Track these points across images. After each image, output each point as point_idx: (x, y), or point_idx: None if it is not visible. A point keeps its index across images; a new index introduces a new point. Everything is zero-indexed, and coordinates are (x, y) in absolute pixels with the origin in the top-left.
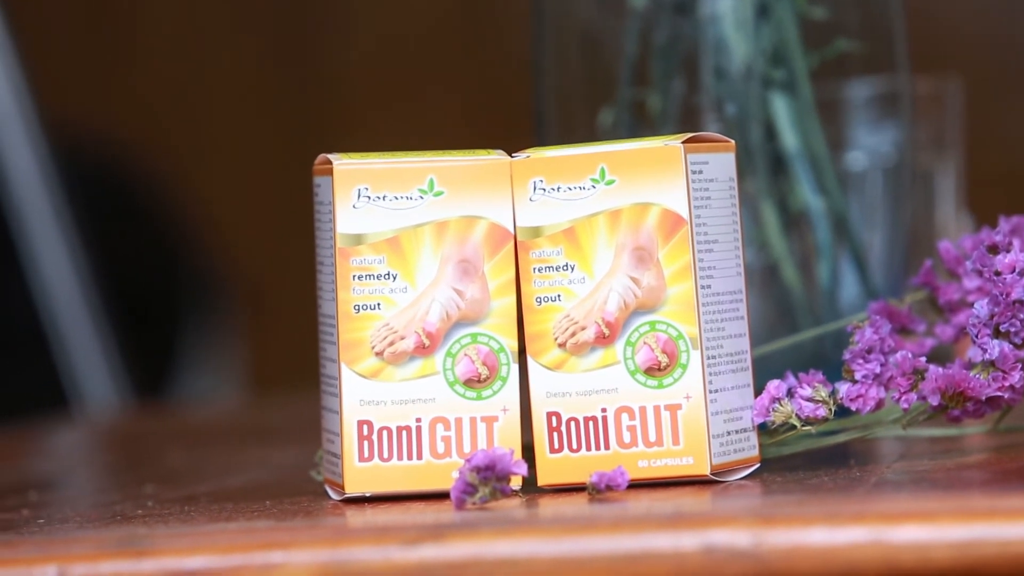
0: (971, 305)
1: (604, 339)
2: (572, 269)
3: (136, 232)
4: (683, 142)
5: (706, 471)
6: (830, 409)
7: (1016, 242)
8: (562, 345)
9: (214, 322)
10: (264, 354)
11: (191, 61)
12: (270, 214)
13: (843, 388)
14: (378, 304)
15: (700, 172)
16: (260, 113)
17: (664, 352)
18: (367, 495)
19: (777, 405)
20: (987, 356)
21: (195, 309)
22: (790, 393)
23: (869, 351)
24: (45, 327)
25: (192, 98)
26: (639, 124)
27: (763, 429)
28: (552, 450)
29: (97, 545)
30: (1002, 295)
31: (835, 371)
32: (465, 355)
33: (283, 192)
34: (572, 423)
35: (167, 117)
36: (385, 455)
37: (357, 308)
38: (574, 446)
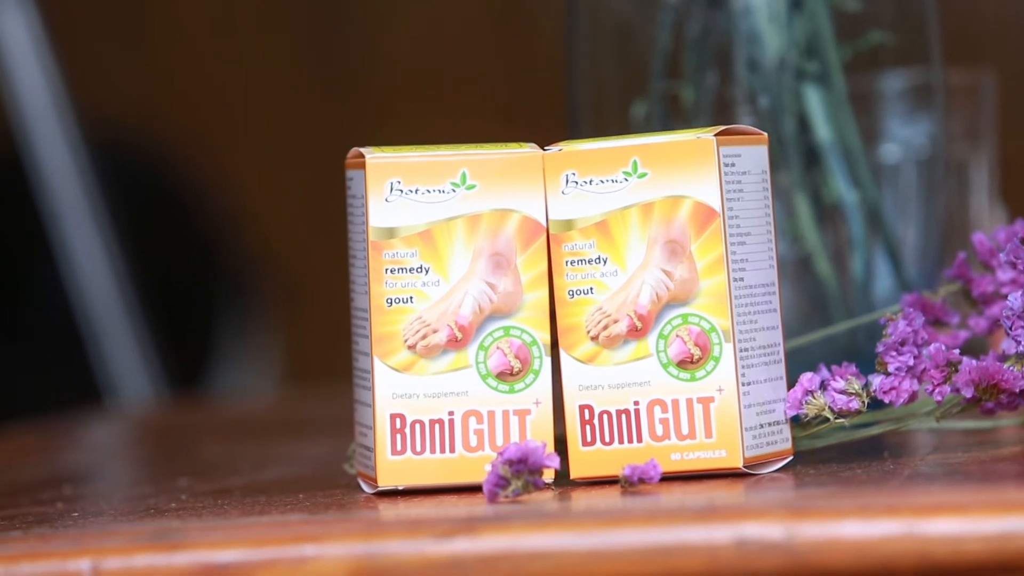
0: (1005, 297)
1: (637, 332)
2: (604, 262)
3: (172, 226)
4: (716, 135)
5: (739, 464)
6: (863, 402)
7: None
8: (595, 338)
9: (250, 315)
10: (300, 347)
11: (228, 55)
12: (306, 207)
13: (876, 380)
14: (411, 297)
15: (733, 165)
16: (296, 107)
17: (697, 345)
18: (400, 488)
19: (810, 398)
20: (1021, 348)
21: (231, 302)
22: (823, 386)
23: (902, 343)
24: (81, 321)
25: (228, 92)
26: (672, 117)
27: (796, 422)
28: (585, 443)
29: (130, 538)
30: None
31: (868, 363)
32: (498, 348)
33: (319, 186)
34: (605, 416)
35: (204, 111)
36: (418, 448)
37: (390, 301)
38: (607, 439)
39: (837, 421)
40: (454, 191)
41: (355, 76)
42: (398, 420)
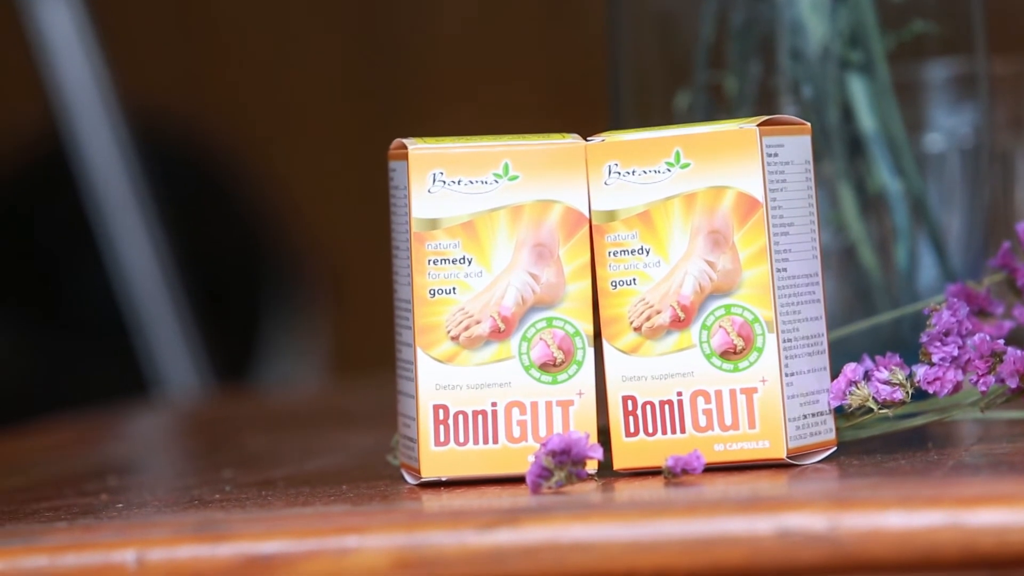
0: None
1: (679, 323)
2: (647, 253)
3: (218, 216)
4: (758, 125)
5: (782, 455)
6: (907, 392)
7: None
8: (637, 329)
9: (295, 306)
10: (345, 338)
11: (275, 48)
12: (352, 198)
13: (920, 371)
14: (453, 288)
15: (776, 155)
16: (342, 96)
17: (740, 335)
18: (443, 479)
19: (854, 388)
20: None
21: (276, 293)
22: (867, 376)
23: (947, 334)
24: (127, 313)
25: (275, 84)
26: (715, 107)
27: (840, 412)
28: (628, 434)
29: (174, 530)
30: None
31: (913, 354)
32: (540, 339)
33: (365, 176)
34: (648, 407)
35: (250, 102)
36: (461, 439)
37: (432, 292)
38: (650, 430)
39: (881, 412)
40: (496, 182)
41: (402, 68)
42: (441, 411)
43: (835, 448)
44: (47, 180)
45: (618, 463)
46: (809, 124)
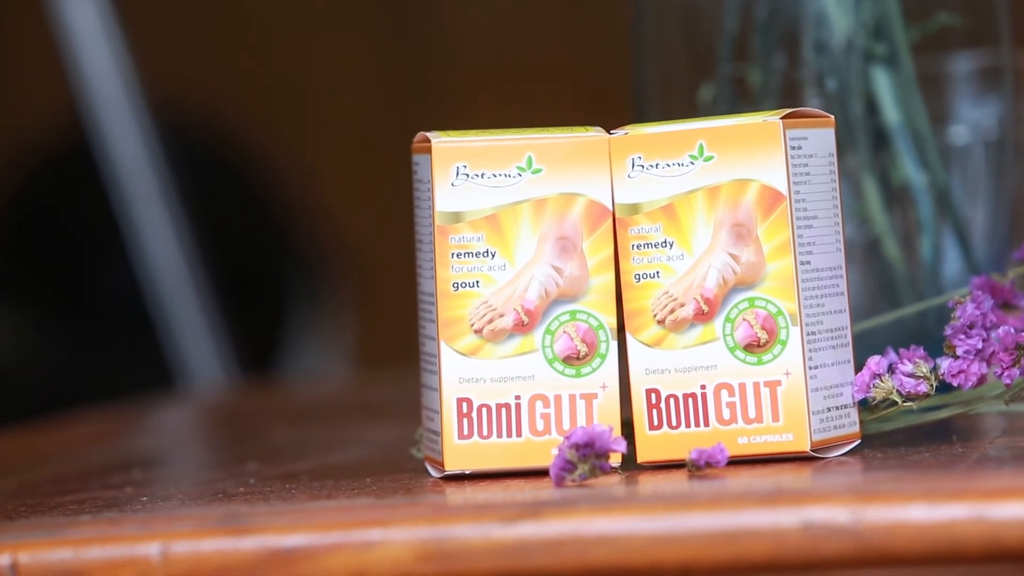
0: None
1: (703, 316)
2: (671, 246)
3: (243, 209)
4: (782, 118)
5: (806, 448)
6: (931, 385)
7: None
8: (661, 322)
9: (321, 299)
10: (370, 330)
11: (299, 36)
12: (377, 190)
13: (945, 364)
14: (477, 282)
15: (799, 148)
16: (368, 89)
17: (763, 328)
18: (466, 472)
19: (878, 381)
20: None
21: (302, 286)
22: (891, 369)
23: (971, 326)
24: (152, 305)
25: (299, 74)
26: (739, 100)
27: (864, 405)
28: (651, 427)
29: (198, 523)
30: None
31: (937, 347)
32: (564, 332)
33: (390, 169)
34: (671, 400)
35: (275, 95)
36: (484, 432)
37: (456, 286)
38: (673, 423)
39: (905, 405)
40: (520, 175)
41: (428, 61)
42: (465, 404)
43: (859, 441)
44: (72, 174)
45: (642, 456)
46: (833, 117)
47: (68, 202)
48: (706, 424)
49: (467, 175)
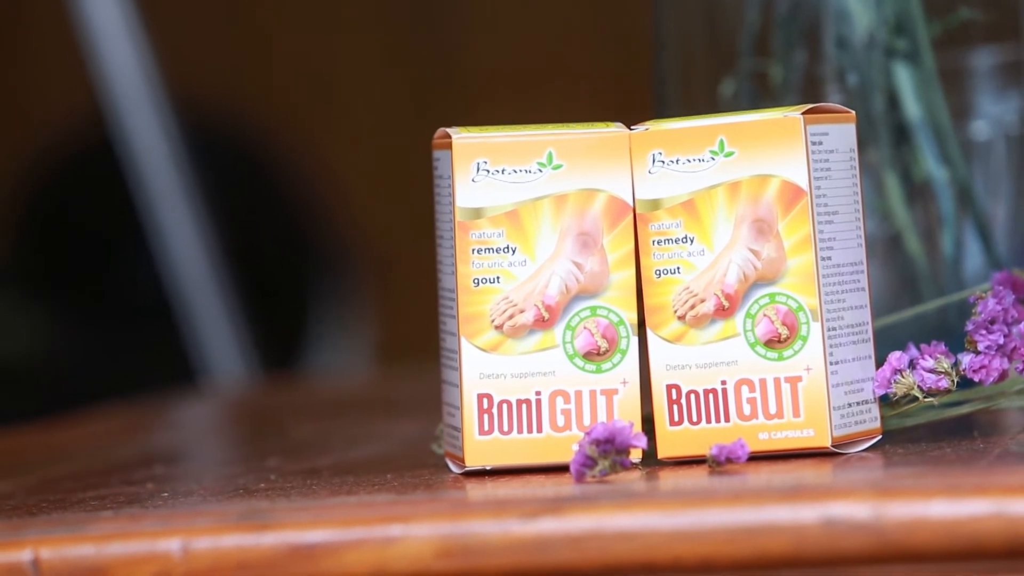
0: None
1: (724, 311)
2: (691, 241)
3: (265, 205)
4: (803, 113)
5: (827, 443)
6: (952, 380)
7: None
8: (681, 318)
9: (342, 295)
10: (391, 326)
11: (321, 33)
12: (399, 186)
13: (966, 359)
14: (497, 277)
15: (820, 143)
16: (389, 84)
17: (784, 324)
18: (487, 468)
19: (899, 377)
20: None
21: (323, 282)
22: (912, 364)
23: (992, 322)
24: (175, 301)
25: (321, 70)
26: (760, 95)
27: (885, 401)
28: (672, 422)
29: (219, 519)
30: None
31: (958, 342)
32: (585, 328)
33: (412, 164)
34: (692, 395)
35: (296, 89)
36: (505, 428)
37: (476, 282)
38: (694, 418)
39: (926, 400)
40: (540, 171)
41: (448, 57)
42: (485, 400)
43: (880, 437)
44: (95, 170)
45: (662, 452)
46: (854, 112)
47: (91, 198)
48: (727, 420)
49: (487, 171)
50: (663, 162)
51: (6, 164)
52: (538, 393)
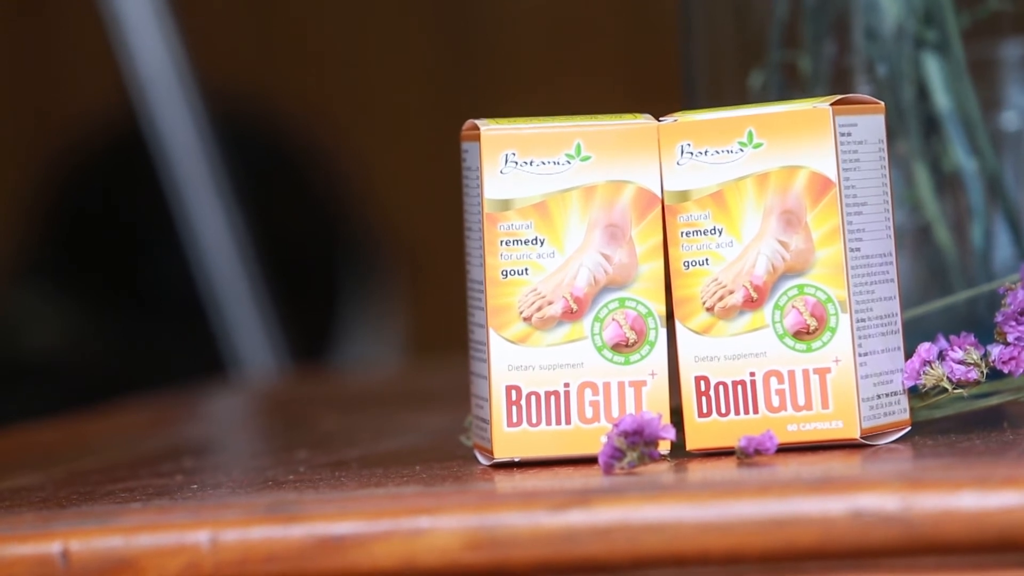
0: None
1: (752, 303)
2: (720, 233)
3: (295, 197)
4: (832, 104)
5: (856, 435)
6: (982, 372)
7: None
8: (710, 309)
9: (372, 287)
10: (421, 318)
11: (352, 25)
12: (429, 178)
13: (995, 351)
14: (526, 269)
15: (849, 134)
16: (419, 77)
17: (813, 315)
18: (516, 460)
19: (928, 368)
20: None
21: (353, 274)
22: (941, 356)
23: (1022, 313)
24: (204, 293)
25: (351, 62)
26: (789, 86)
27: (914, 392)
28: (700, 414)
29: (247, 511)
30: None
31: (988, 333)
32: (613, 320)
33: (442, 156)
34: (720, 387)
35: (327, 82)
36: (533, 420)
37: (505, 273)
38: (722, 410)
39: (955, 391)
40: (569, 163)
41: (477, 49)
42: (514, 392)
43: (909, 428)
44: (126, 161)
45: (691, 443)
46: (883, 103)
47: (122, 190)
48: (755, 411)
49: (516, 162)
50: (691, 153)
51: (38, 157)
52: (566, 385)
